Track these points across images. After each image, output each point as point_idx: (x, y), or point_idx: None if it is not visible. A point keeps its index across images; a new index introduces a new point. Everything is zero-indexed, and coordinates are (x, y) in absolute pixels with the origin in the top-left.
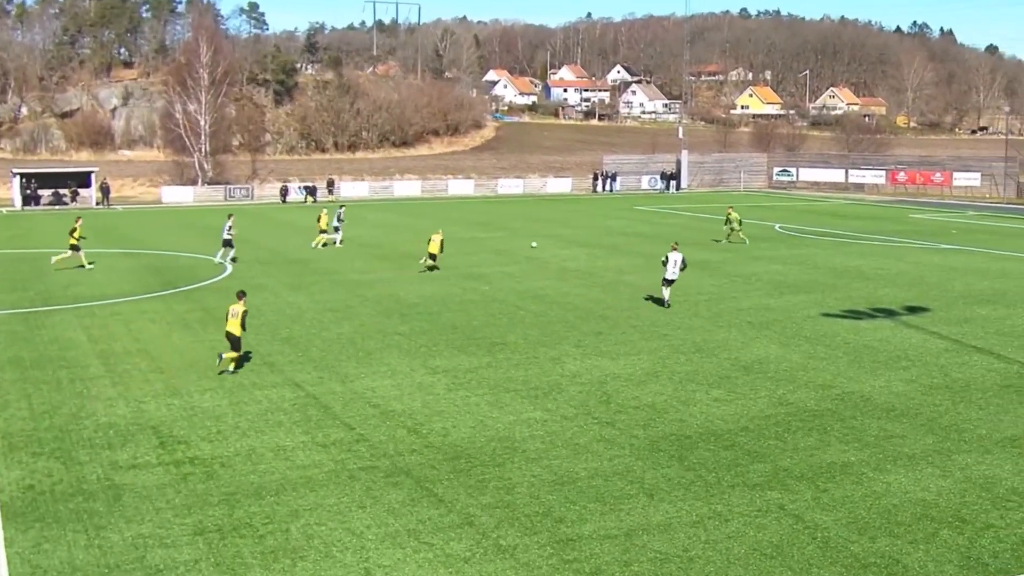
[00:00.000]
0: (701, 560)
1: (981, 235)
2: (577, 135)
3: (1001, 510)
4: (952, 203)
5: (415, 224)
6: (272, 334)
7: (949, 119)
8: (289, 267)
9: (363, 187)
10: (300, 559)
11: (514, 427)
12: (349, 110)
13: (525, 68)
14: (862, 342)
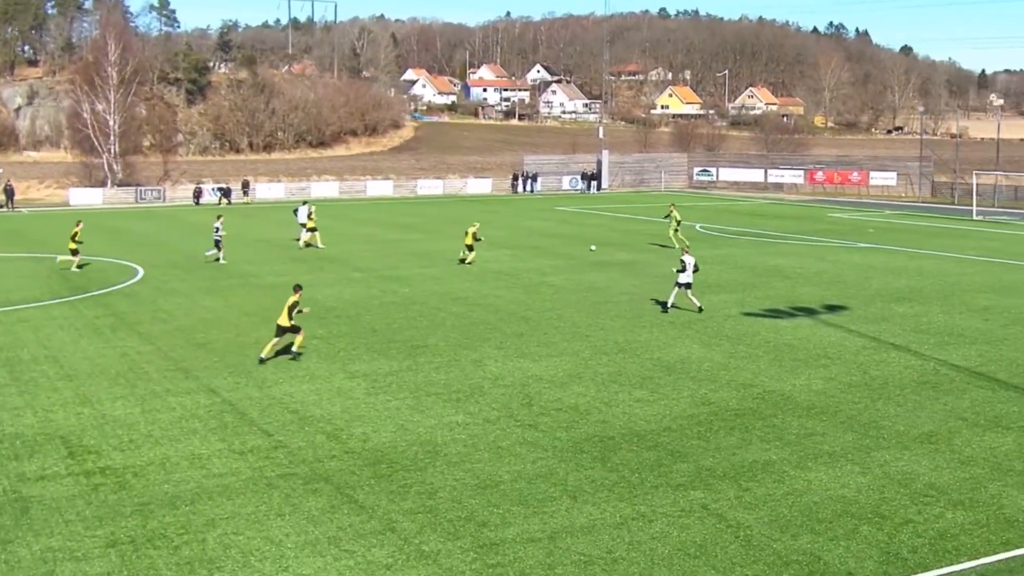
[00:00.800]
0: (625, 561)
1: (898, 234)
2: (497, 135)
3: (919, 505)
4: (869, 202)
5: (333, 226)
6: (187, 339)
7: (865, 119)
8: (204, 271)
9: (279, 188)
10: (217, 569)
11: (435, 431)
12: (264, 110)
13: (444, 67)
14: (782, 341)
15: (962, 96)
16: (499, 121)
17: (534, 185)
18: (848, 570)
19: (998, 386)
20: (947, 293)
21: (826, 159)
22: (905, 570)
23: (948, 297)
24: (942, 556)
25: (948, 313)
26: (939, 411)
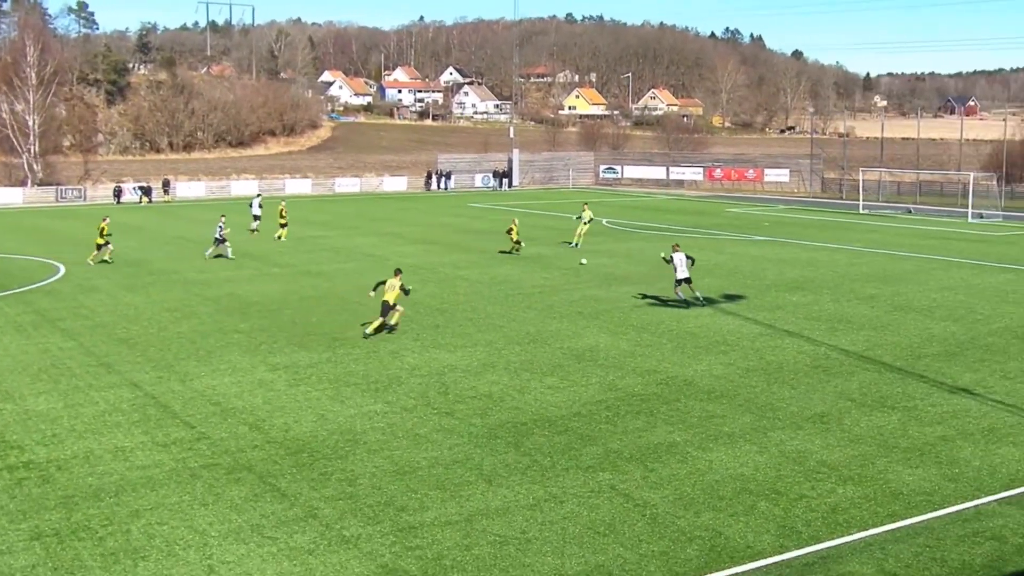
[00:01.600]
0: (538, 541)
1: (790, 227)
2: (412, 135)
3: (812, 482)
4: (764, 198)
5: (250, 223)
6: (108, 335)
7: (760, 119)
8: (125, 268)
9: (199, 187)
10: (142, 559)
11: (355, 420)
12: (184, 110)
13: (360, 69)
14: (684, 329)
15: (849, 98)
16: (414, 121)
17: (448, 183)
18: (747, 544)
19: (884, 369)
20: (836, 282)
21: (724, 157)
22: (800, 543)
23: (837, 286)
24: (834, 529)
25: (837, 301)
26: (830, 393)
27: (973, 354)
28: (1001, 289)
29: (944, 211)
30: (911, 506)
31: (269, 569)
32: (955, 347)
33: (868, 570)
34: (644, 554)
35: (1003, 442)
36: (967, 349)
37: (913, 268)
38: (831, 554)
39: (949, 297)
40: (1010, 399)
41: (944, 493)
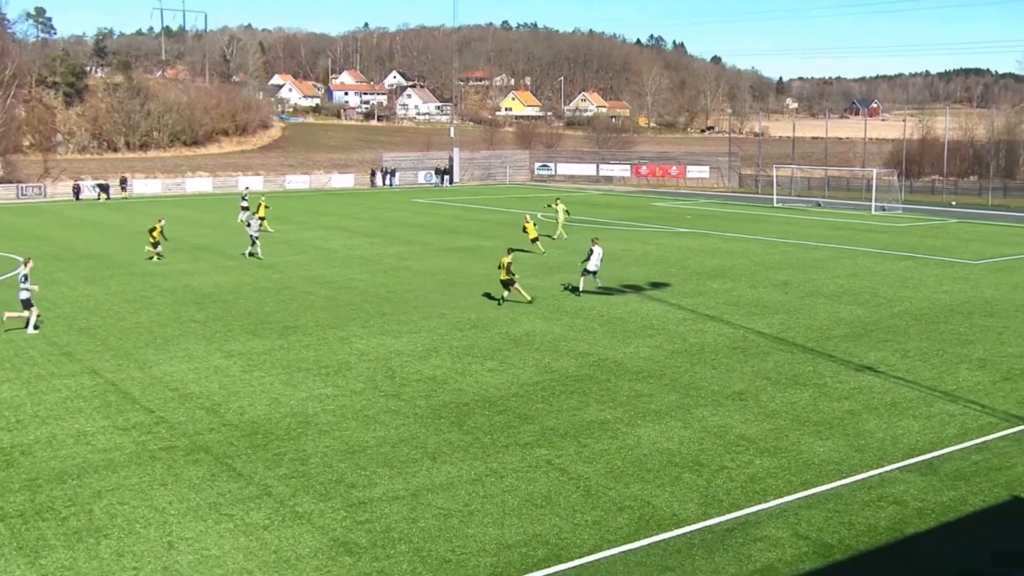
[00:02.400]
0: (480, 513)
1: (711, 220)
2: (358, 135)
3: (732, 454)
4: (686, 192)
5: (207, 219)
6: (69, 325)
7: (682, 120)
8: (84, 261)
9: (156, 184)
10: (104, 537)
11: (307, 403)
12: (140, 111)
13: (308, 73)
14: (614, 314)
15: (763, 100)
16: (360, 122)
17: (392, 180)
18: (673, 512)
19: (796, 349)
20: (753, 270)
21: (649, 155)
22: (721, 510)
23: (754, 274)
24: (752, 497)
25: (754, 288)
26: (748, 372)
27: (877, 335)
28: (901, 275)
29: (850, 204)
30: (822, 475)
31: (226, 544)
32: (860, 329)
33: (783, 534)
34: (579, 523)
35: (904, 415)
36: (871, 330)
37: (822, 257)
38: (749, 520)
39: (855, 283)
40: (910, 376)
41: (851, 462)
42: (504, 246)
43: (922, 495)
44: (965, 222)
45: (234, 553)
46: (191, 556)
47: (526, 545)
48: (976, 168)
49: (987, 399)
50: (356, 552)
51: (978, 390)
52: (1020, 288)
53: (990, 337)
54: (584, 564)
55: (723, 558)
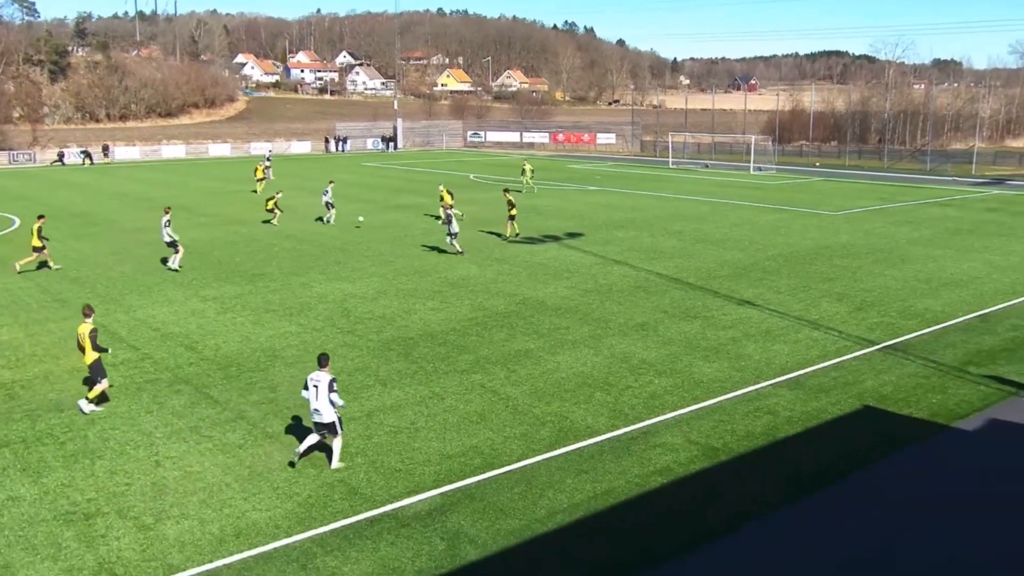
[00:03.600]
0: (425, 429)
1: (617, 179)
2: (314, 107)
3: (636, 375)
4: (596, 156)
5: (182, 181)
6: (61, 275)
7: (592, 94)
8: (71, 219)
9: (135, 151)
10: (98, 458)
11: (274, 340)
12: (118, 86)
13: (268, 52)
14: (536, 261)
15: (660, 77)
16: (315, 96)
17: (344, 146)
18: (587, 425)
19: (688, 288)
20: (652, 222)
21: (565, 124)
22: (627, 422)
23: (653, 224)
24: (652, 410)
25: (653, 236)
26: (648, 307)
27: (754, 275)
28: (775, 225)
29: (733, 165)
30: (709, 391)
31: (207, 461)
32: (741, 270)
33: (677, 440)
34: (508, 436)
35: (777, 340)
36: (750, 271)
37: (709, 210)
38: (650, 430)
39: (736, 232)
40: (781, 308)
41: (733, 380)
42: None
43: (791, 406)
44: (827, 180)
45: (213, 469)
46: (176, 472)
47: (464, 455)
48: (836, 134)
49: (843, 326)
50: (319, 464)
51: (836, 319)
52: (870, 234)
53: (846, 275)
54: (513, 470)
55: (628, 461)
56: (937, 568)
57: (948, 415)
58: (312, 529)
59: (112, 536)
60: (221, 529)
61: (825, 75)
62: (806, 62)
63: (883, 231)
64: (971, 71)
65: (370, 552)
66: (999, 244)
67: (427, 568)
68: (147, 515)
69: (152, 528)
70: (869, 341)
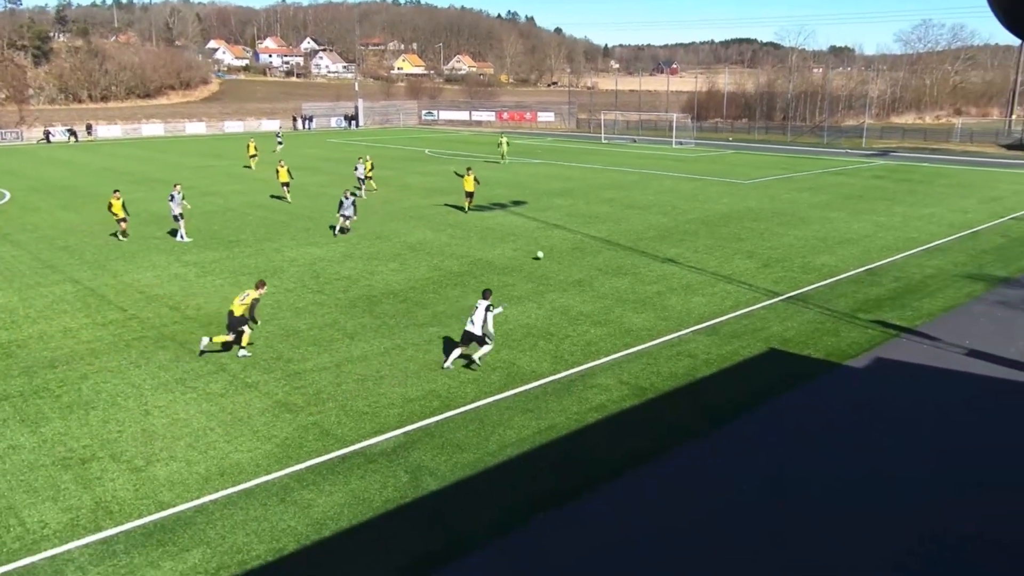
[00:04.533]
0: (389, 377)
1: (556, 153)
2: (282, 89)
3: (574, 326)
4: (538, 132)
5: (161, 157)
6: (51, 244)
7: (533, 77)
8: (59, 192)
9: (116, 129)
10: (92, 409)
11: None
12: (99, 70)
13: (238, 39)
14: (485, 226)
15: (593, 61)
16: (282, 79)
17: (310, 124)
18: (532, 369)
19: (619, 248)
20: (587, 190)
21: (509, 104)
22: (567, 366)
23: (588, 193)
24: (589, 356)
25: (588, 203)
26: (585, 266)
27: (676, 237)
28: (693, 193)
29: (657, 140)
30: (638, 338)
31: (192, 408)
32: (664, 232)
33: (611, 381)
34: (463, 381)
35: (696, 293)
36: (672, 233)
37: (637, 179)
38: (587, 373)
39: (660, 198)
40: (699, 265)
41: (659, 328)
42: (401, 178)
43: (708, 349)
44: (738, 152)
45: (198, 416)
46: (164, 419)
47: (424, 399)
48: (747, 112)
49: (752, 280)
50: (294, 410)
51: (747, 274)
52: (775, 199)
53: (755, 236)
54: (467, 410)
55: (568, 400)
56: (827, 483)
57: (841, 355)
58: (289, 467)
59: (107, 478)
60: (207, 469)
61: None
62: (721, 48)
63: (787, 197)
64: (862, 56)
65: (342, 485)
66: (884, 207)
67: (393, 497)
68: (138, 458)
69: (143, 470)
70: (775, 293)
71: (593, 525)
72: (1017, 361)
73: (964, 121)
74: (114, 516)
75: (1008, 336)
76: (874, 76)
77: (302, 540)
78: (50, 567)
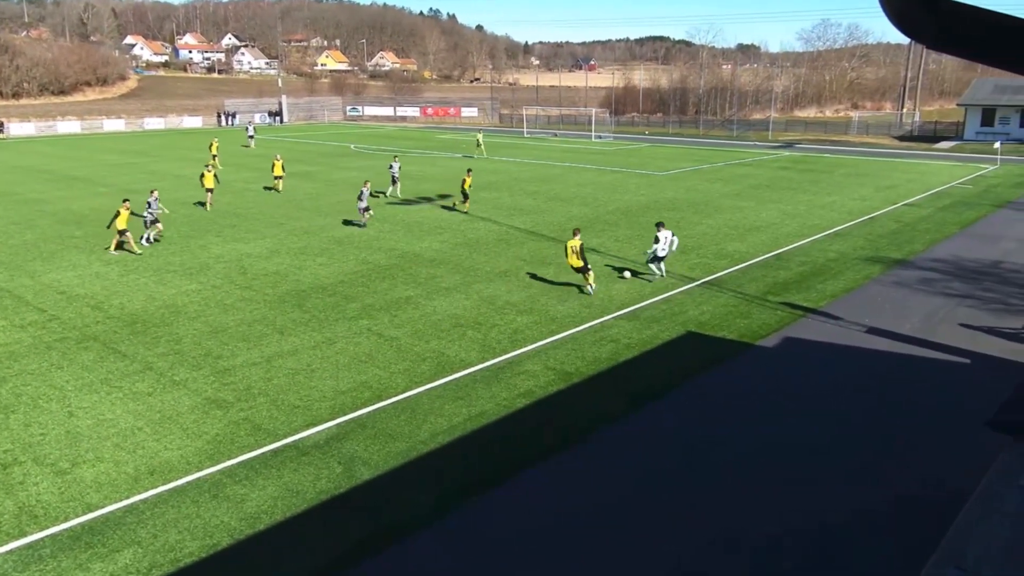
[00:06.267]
0: (320, 370)
1: (493, 148)
2: (204, 85)
3: (501, 315)
4: (462, 127)
5: (77, 154)
6: None
7: (456, 73)
8: None
9: (30, 127)
10: (12, 412)
11: (176, 297)
12: (9, 65)
13: (156, 34)
14: (413, 219)
15: (514, 58)
16: (204, 75)
17: (234, 121)
18: (461, 359)
19: (543, 239)
20: (511, 184)
21: (433, 99)
22: (495, 355)
23: (512, 186)
24: (516, 344)
25: (513, 196)
26: (511, 257)
27: (598, 226)
28: (613, 184)
29: (577, 134)
30: (563, 325)
31: (118, 409)
32: (587, 222)
33: (537, 368)
34: (394, 372)
35: (617, 282)
36: (594, 224)
37: (559, 172)
38: (515, 360)
39: (582, 190)
40: (620, 253)
41: (583, 315)
42: (327, 174)
43: (629, 334)
44: (654, 146)
45: (125, 416)
46: (89, 420)
47: (355, 391)
48: (661, 107)
49: (670, 267)
50: (225, 406)
51: (665, 261)
52: (691, 190)
53: (671, 225)
54: (399, 400)
55: (497, 387)
56: (746, 450)
57: (753, 335)
58: (221, 463)
59: (30, 482)
60: (136, 468)
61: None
62: (636, 46)
63: (700, 187)
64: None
65: (275, 479)
66: (790, 196)
67: (327, 489)
68: (63, 461)
69: (69, 472)
70: (691, 278)
71: (525, 505)
72: (912, 336)
73: (860, 115)
74: (39, 520)
75: (903, 314)
76: (778, 72)
77: (236, 535)
78: None
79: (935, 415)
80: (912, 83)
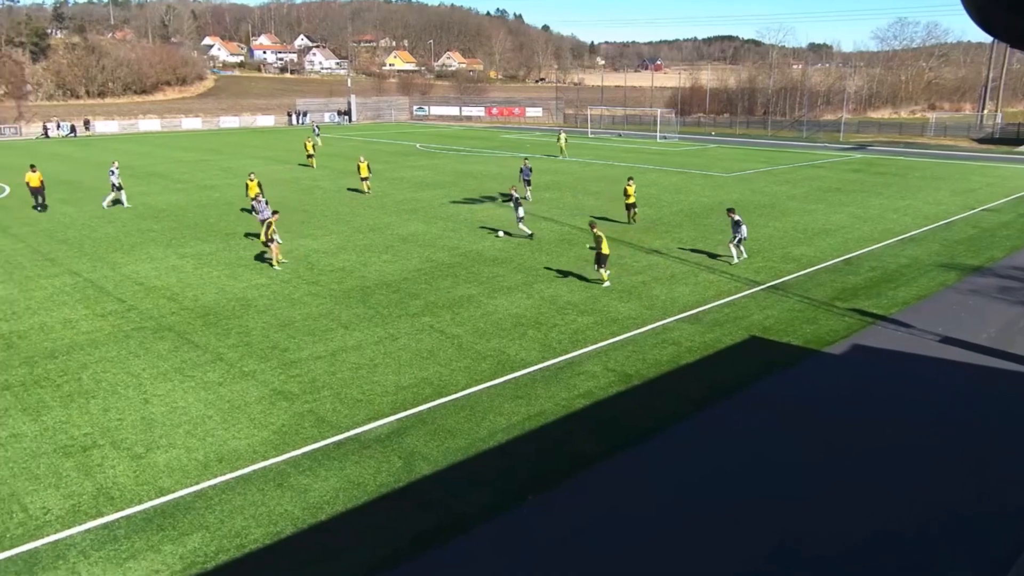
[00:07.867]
0: (382, 366)
1: (544, 147)
2: (276, 85)
3: (562, 315)
4: (526, 127)
5: (156, 151)
6: (50, 237)
7: (522, 73)
8: (60, 187)
9: (114, 125)
10: (92, 398)
11: (247, 291)
12: (96, 66)
13: (232, 35)
14: (475, 219)
15: (580, 58)
16: (277, 75)
17: (304, 119)
18: (521, 358)
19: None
20: (574, 183)
21: (498, 99)
22: (555, 355)
23: (575, 186)
24: (576, 344)
25: (576, 196)
26: (572, 257)
27: (661, 228)
28: (677, 185)
29: (642, 135)
30: (624, 327)
31: (190, 398)
32: (650, 223)
33: (598, 369)
34: (454, 369)
35: (680, 283)
36: (657, 225)
37: (623, 173)
38: (575, 360)
39: (645, 191)
40: (683, 257)
41: (644, 317)
42: (392, 172)
43: (691, 337)
44: (720, 146)
45: (197, 404)
46: (163, 407)
47: (417, 386)
48: (728, 107)
49: (734, 270)
50: (291, 397)
51: (729, 264)
52: (756, 192)
53: None
54: (459, 397)
55: (557, 387)
56: (811, 460)
57: (819, 342)
58: (286, 453)
59: (108, 465)
60: (205, 456)
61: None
62: (703, 45)
63: (767, 189)
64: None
65: (337, 471)
66: (861, 200)
67: (387, 482)
68: (139, 446)
69: (144, 457)
70: (755, 282)
71: (582, 505)
72: (988, 347)
73: (938, 116)
74: (115, 502)
75: (980, 323)
76: (851, 72)
77: (299, 524)
78: (52, 552)
79: (1010, 429)
80: (994, 83)
